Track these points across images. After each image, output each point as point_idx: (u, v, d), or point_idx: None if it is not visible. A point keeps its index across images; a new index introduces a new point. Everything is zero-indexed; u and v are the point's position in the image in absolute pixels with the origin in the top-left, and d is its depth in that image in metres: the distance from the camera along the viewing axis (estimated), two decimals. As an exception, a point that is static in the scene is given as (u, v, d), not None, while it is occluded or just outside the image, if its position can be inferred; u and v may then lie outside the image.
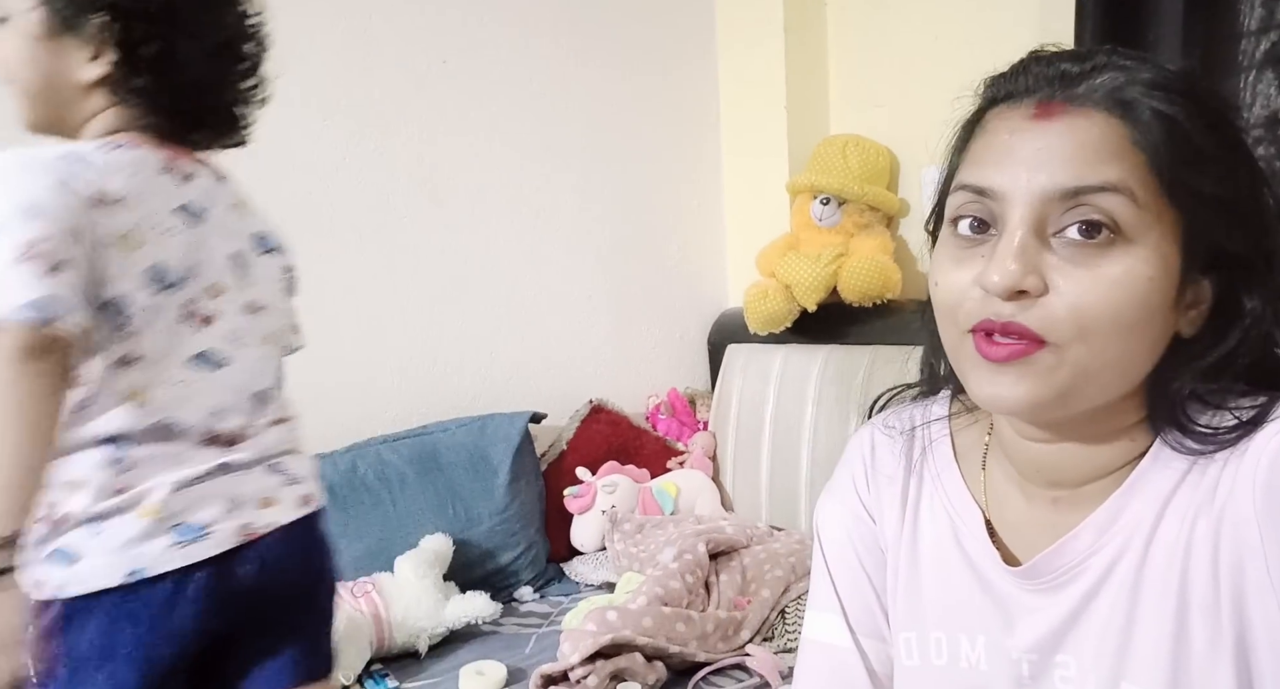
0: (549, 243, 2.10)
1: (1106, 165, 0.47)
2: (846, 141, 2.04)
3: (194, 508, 0.86)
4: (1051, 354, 0.48)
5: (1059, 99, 0.49)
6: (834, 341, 2.03)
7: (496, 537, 1.75)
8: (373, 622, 1.45)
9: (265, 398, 0.98)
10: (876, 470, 0.66)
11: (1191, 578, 0.51)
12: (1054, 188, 0.48)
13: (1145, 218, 0.47)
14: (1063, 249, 0.48)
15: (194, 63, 0.91)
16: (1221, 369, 0.51)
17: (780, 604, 1.54)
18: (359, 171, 1.81)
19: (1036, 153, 0.48)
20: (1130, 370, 0.50)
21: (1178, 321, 0.51)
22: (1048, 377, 0.49)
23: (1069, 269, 0.48)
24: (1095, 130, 0.48)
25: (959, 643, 0.61)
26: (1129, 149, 0.47)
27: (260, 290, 1.01)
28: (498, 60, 1.99)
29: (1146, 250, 0.47)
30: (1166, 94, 0.48)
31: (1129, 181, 0.47)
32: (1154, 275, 0.47)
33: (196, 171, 0.97)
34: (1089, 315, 0.47)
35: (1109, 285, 0.47)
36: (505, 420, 1.88)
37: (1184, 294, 0.50)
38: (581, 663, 1.33)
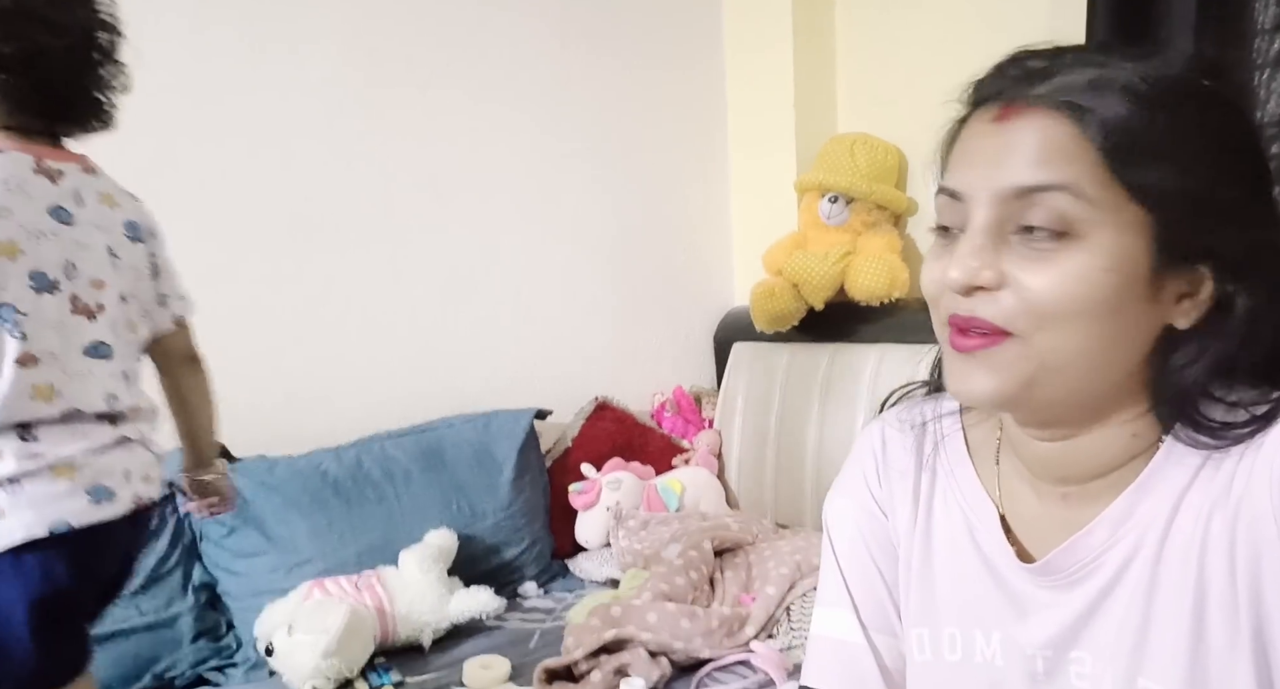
0: (555, 240, 2.09)
1: (1056, 164, 0.49)
2: (855, 140, 2.04)
3: (103, 474, 0.98)
4: (1016, 346, 0.50)
5: (1019, 101, 0.50)
6: (841, 340, 2.03)
7: (501, 532, 1.75)
8: (377, 615, 1.45)
9: (133, 379, 1.08)
10: (888, 465, 0.66)
11: (1208, 574, 0.51)
12: (1008, 187, 0.50)
13: (1097, 213, 0.48)
14: (1019, 245, 0.50)
15: (54, 56, 0.95)
16: (1225, 364, 0.51)
17: (785, 601, 1.53)
18: (364, 170, 1.81)
19: (995, 154, 0.51)
20: (1102, 361, 0.51)
21: (1166, 313, 0.51)
22: (1012, 368, 0.51)
23: (1025, 264, 0.50)
24: (1048, 130, 0.49)
25: (974, 639, 0.60)
26: (1081, 147, 0.48)
27: (129, 278, 1.06)
28: (504, 58, 1.99)
29: (1100, 244, 0.49)
30: (1127, 90, 0.48)
31: (1078, 179, 0.48)
32: (1109, 267, 0.48)
33: (65, 168, 1.00)
34: (1044, 308, 0.49)
35: (1061, 278, 0.49)
36: (510, 417, 1.88)
37: (1163, 286, 0.50)
38: (586, 658, 1.33)
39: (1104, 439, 0.54)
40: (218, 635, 1.49)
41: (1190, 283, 0.51)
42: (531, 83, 2.04)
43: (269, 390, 1.71)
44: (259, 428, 1.68)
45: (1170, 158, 0.48)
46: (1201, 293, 0.51)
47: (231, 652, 1.48)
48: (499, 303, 2.01)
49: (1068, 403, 0.52)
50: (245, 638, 1.47)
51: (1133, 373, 0.52)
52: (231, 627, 1.51)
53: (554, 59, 2.07)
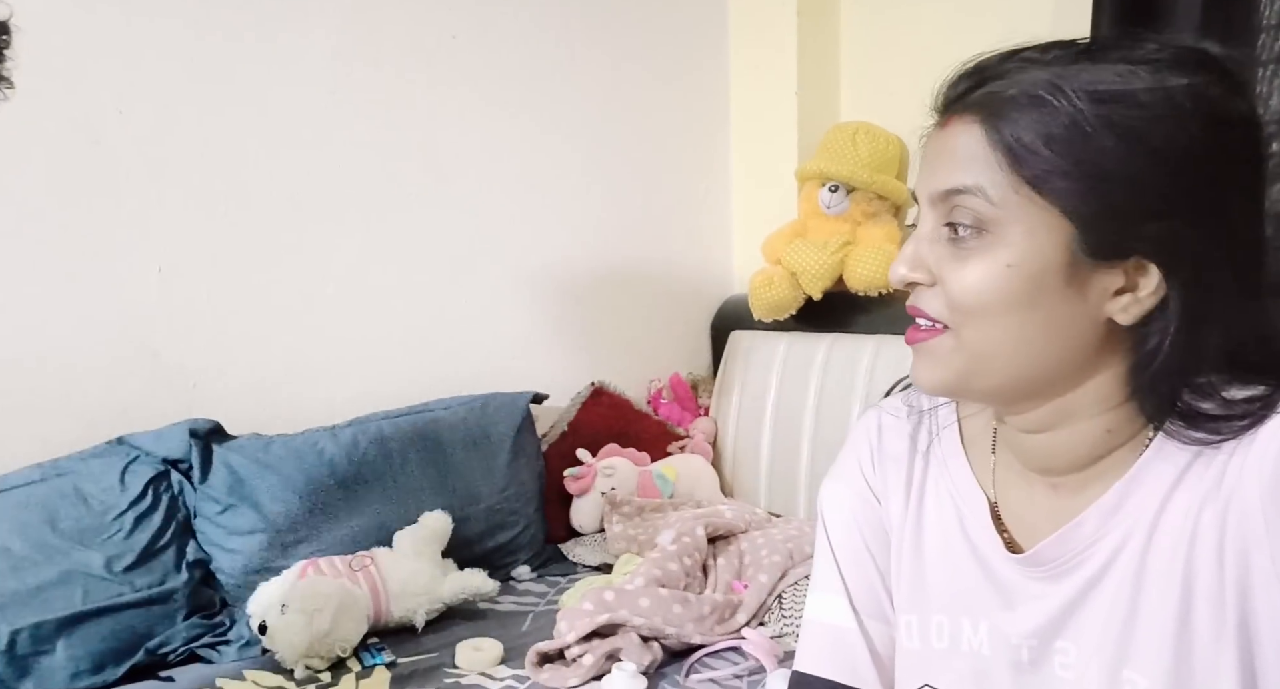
0: (555, 223, 2.09)
1: (966, 168, 0.52)
2: (857, 129, 2.03)
3: None
4: (951, 338, 0.54)
5: (952, 109, 0.54)
6: (838, 330, 2.03)
7: (496, 515, 1.75)
8: (370, 595, 1.45)
9: None
10: (883, 453, 0.66)
11: (1196, 567, 0.51)
12: (933, 191, 0.54)
13: (1002, 213, 0.51)
14: (950, 244, 0.54)
15: None
16: (1184, 359, 0.51)
17: (777, 589, 1.54)
18: (365, 147, 1.80)
19: (933, 159, 0.55)
20: (1030, 352, 0.53)
21: (1100, 308, 0.52)
22: (949, 359, 0.55)
23: (950, 263, 0.54)
24: (965, 136, 0.52)
25: (961, 627, 0.61)
26: (988, 151, 0.51)
27: None
28: (507, 38, 1.97)
29: (1011, 243, 0.51)
30: (1040, 99, 0.50)
31: (982, 182, 0.51)
32: (1013, 263, 0.51)
33: None
34: (961, 302, 0.53)
35: (973, 276, 0.52)
36: (507, 400, 1.88)
37: (1088, 281, 0.51)
38: (578, 642, 1.33)
39: (1079, 432, 0.55)
40: (211, 613, 1.49)
41: (1128, 278, 0.51)
42: (534, 67, 2.02)
43: (266, 368, 1.70)
44: (255, 406, 1.68)
45: (1076, 165, 0.49)
46: (1143, 289, 0.51)
47: (225, 629, 1.48)
48: (498, 286, 2.01)
49: (1006, 393, 0.55)
50: (238, 616, 1.47)
51: (1079, 364, 0.53)
52: (225, 604, 1.51)
53: (557, 43, 2.05)
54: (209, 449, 1.55)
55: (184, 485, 1.53)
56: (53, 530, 1.37)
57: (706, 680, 1.32)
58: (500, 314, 2.01)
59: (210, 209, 1.62)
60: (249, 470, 1.55)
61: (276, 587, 1.42)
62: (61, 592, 1.33)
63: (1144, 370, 0.52)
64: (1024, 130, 0.50)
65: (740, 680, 1.32)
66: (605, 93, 2.14)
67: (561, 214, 2.10)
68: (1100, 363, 0.53)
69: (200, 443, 1.54)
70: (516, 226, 2.03)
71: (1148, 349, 0.52)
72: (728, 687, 1.31)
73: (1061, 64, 0.51)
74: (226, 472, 1.54)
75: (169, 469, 1.52)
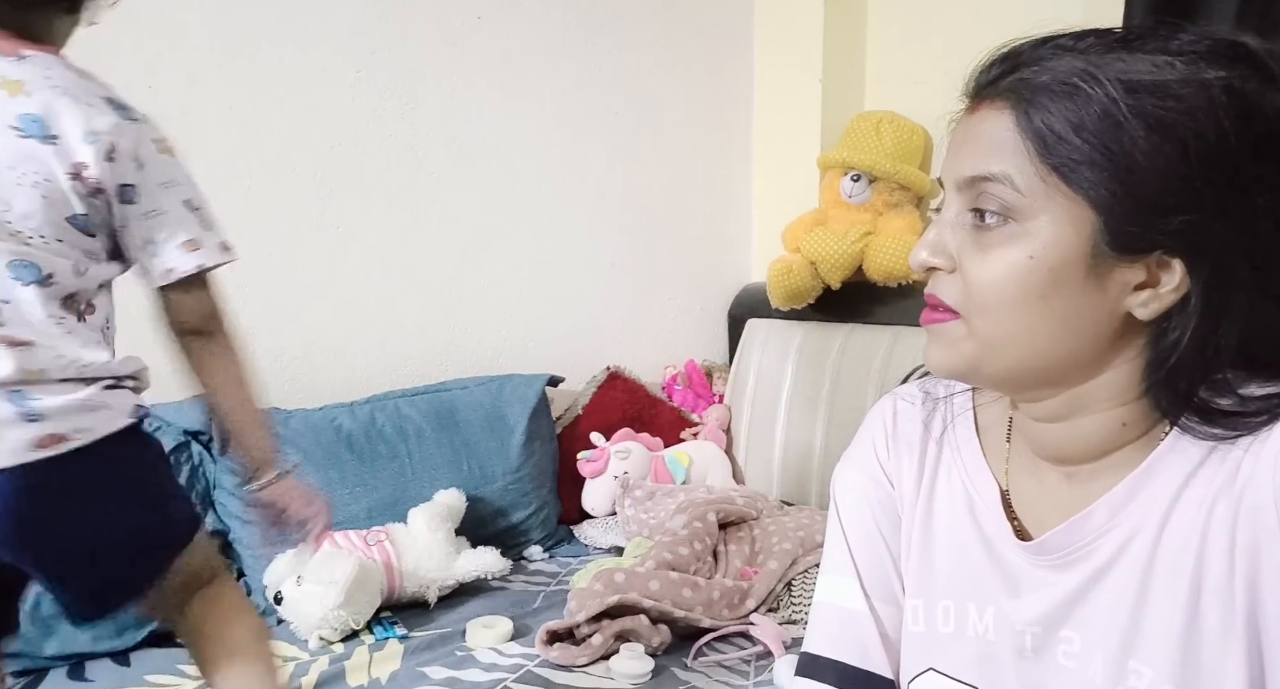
0: (575, 207, 2.09)
1: (995, 155, 0.51)
2: (881, 118, 2.02)
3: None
4: (961, 325, 0.54)
5: (983, 95, 0.53)
6: (856, 320, 2.02)
7: (509, 495, 1.77)
8: (384, 570, 1.47)
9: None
10: (897, 438, 0.67)
11: (1206, 561, 0.51)
12: (960, 177, 0.54)
13: (1029, 202, 0.50)
14: (974, 231, 0.53)
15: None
16: (1200, 356, 0.50)
17: (787, 576, 1.55)
18: (388, 126, 1.81)
19: (960, 145, 0.54)
20: (1041, 344, 0.52)
21: (1120, 302, 0.51)
22: (958, 345, 0.55)
23: (972, 252, 0.53)
24: (994, 123, 0.52)
25: (967, 612, 0.61)
26: (1017, 139, 0.50)
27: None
28: (532, 20, 1.97)
29: (1032, 231, 0.51)
30: (1071, 88, 0.49)
31: (1009, 170, 0.51)
32: (1035, 254, 0.51)
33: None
34: (978, 291, 0.53)
35: (992, 264, 0.52)
36: (523, 381, 1.89)
37: (1109, 275, 0.50)
38: (587, 622, 1.35)
39: (1093, 423, 0.54)
40: (228, 583, 1.52)
41: (1150, 273, 0.50)
42: (558, 50, 2.02)
43: (286, 342, 1.72)
44: (275, 380, 1.70)
45: (1107, 155, 0.48)
46: (1165, 285, 0.50)
47: (242, 599, 1.51)
48: (517, 267, 2.01)
49: (1016, 380, 0.55)
50: (255, 586, 1.50)
51: (1093, 357, 0.53)
52: (242, 575, 1.54)
53: (581, 27, 2.05)
54: (229, 422, 1.57)
55: (204, 457, 1.55)
56: (76, 497, 1.40)
57: (714, 664, 1.34)
58: (519, 295, 2.02)
59: (234, 186, 1.64)
60: (268, 444, 1.57)
61: (292, 559, 1.44)
62: (84, 556, 1.36)
63: (1160, 366, 0.51)
64: (1055, 118, 0.49)
65: (748, 665, 1.33)
66: (629, 77, 2.14)
67: (582, 198, 2.10)
68: (1116, 356, 0.53)
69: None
70: (537, 209, 2.03)
71: (1165, 345, 0.51)
72: (736, 671, 1.32)
73: (1096, 52, 0.50)
74: (246, 444, 1.56)
75: (189, 440, 1.54)
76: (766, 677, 1.29)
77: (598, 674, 1.29)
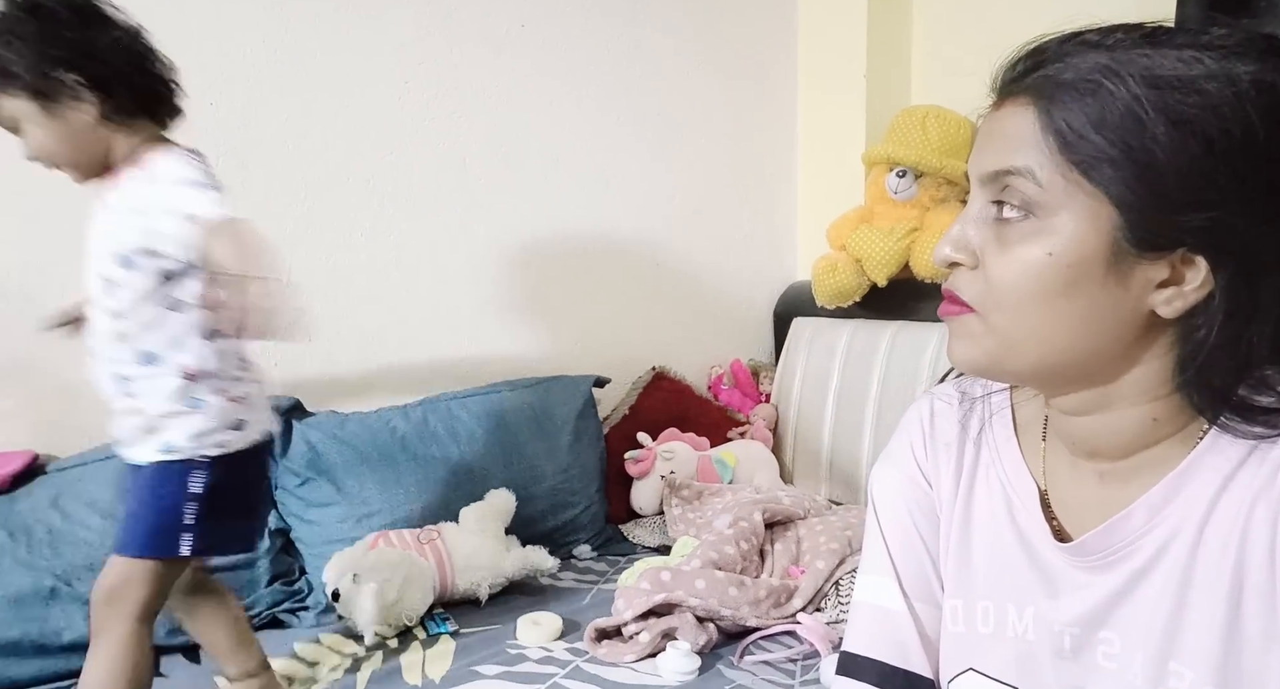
0: (620, 209, 2.11)
1: (1017, 150, 0.51)
2: (927, 113, 1.99)
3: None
4: (978, 321, 0.54)
5: (1008, 91, 0.53)
6: (903, 318, 2.00)
7: (558, 494, 1.80)
8: (436, 568, 1.51)
9: None
10: (935, 438, 0.67)
11: (1247, 561, 0.50)
12: (983, 172, 0.54)
13: (1050, 197, 0.50)
14: (997, 227, 0.53)
15: (124, 65, 1.04)
16: (1235, 352, 0.49)
17: (835, 576, 1.54)
18: (437, 134, 1.86)
19: (984, 141, 0.54)
20: (1061, 341, 0.52)
21: (1143, 299, 0.50)
22: (978, 341, 0.55)
23: (993, 248, 0.53)
24: (1017, 118, 0.52)
25: (1006, 612, 0.61)
26: (1040, 134, 0.50)
27: None
28: (575, 25, 2.00)
29: (1053, 227, 0.50)
30: (1094, 85, 0.49)
31: (1031, 164, 0.50)
32: (1055, 251, 0.50)
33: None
34: (998, 288, 0.53)
35: (1012, 260, 0.52)
36: (570, 383, 1.92)
37: (1131, 272, 0.50)
38: (635, 620, 1.37)
39: (1124, 418, 0.54)
40: (291, 580, 1.58)
41: (1174, 271, 0.50)
42: (602, 53, 2.04)
43: (342, 348, 1.78)
44: (331, 384, 1.76)
45: (1127, 152, 0.48)
46: (1189, 283, 0.49)
47: (304, 595, 1.57)
48: (564, 270, 2.04)
49: (1040, 376, 0.55)
50: (316, 583, 1.55)
51: (1118, 354, 0.52)
52: (303, 572, 1.60)
53: (624, 30, 2.07)
54: (289, 425, 1.64)
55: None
56: (149, 496, 1.46)
57: (760, 663, 1.34)
58: (565, 297, 2.05)
59: (290, 195, 1.70)
60: (326, 445, 1.62)
61: (349, 556, 1.49)
62: (156, 554, 1.43)
63: (1190, 364, 0.51)
64: (1075, 115, 0.49)
65: (794, 664, 1.34)
66: (672, 78, 2.15)
67: (626, 200, 2.12)
68: (1142, 353, 0.52)
69: (281, 419, 1.63)
70: (582, 212, 2.06)
71: (1194, 343, 0.50)
72: (782, 669, 1.32)
73: (1123, 48, 0.50)
74: (305, 446, 1.62)
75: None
76: (813, 676, 1.29)
77: (645, 671, 1.31)
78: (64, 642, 1.32)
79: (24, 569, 1.34)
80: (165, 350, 1.07)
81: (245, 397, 1.13)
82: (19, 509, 1.40)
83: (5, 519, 1.38)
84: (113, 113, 1.04)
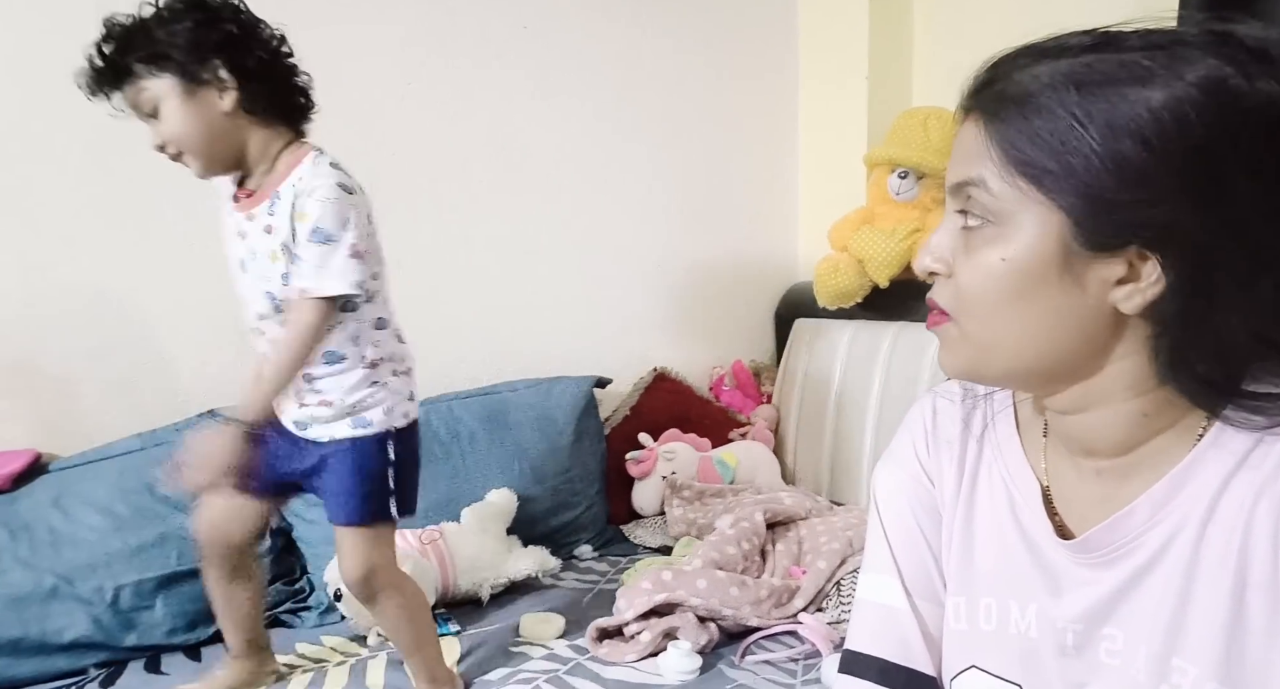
0: (621, 210, 2.11)
1: (972, 163, 0.53)
2: (929, 114, 1.99)
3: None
4: (955, 328, 0.57)
5: (967, 104, 0.56)
6: (905, 319, 2.00)
7: (559, 495, 1.80)
8: (438, 568, 1.51)
9: None
10: (937, 436, 0.67)
11: (1250, 557, 0.50)
12: (950, 183, 0.56)
13: (1003, 205, 0.52)
14: (967, 236, 0.55)
15: (270, 63, 1.12)
16: (1205, 344, 0.50)
17: (836, 576, 1.54)
18: (438, 135, 1.86)
19: (952, 156, 0.57)
20: (1031, 342, 0.54)
21: (1104, 297, 0.51)
22: (956, 347, 0.57)
23: (960, 253, 0.55)
24: (971, 133, 0.54)
25: (1009, 609, 0.61)
26: (987, 147, 0.53)
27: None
28: (576, 27, 2.00)
29: (1007, 235, 0.52)
30: (1035, 91, 0.50)
31: (984, 174, 0.53)
32: (1008, 257, 0.52)
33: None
34: (965, 294, 0.55)
35: (975, 267, 0.54)
36: (572, 383, 1.92)
37: (1085, 272, 0.51)
38: (636, 619, 1.37)
39: (1113, 415, 0.55)
40: (293, 580, 1.58)
41: (1131, 268, 0.50)
42: (603, 55, 2.05)
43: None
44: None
45: (1063, 160, 0.49)
46: (1144, 278, 0.50)
47: (305, 596, 1.57)
48: (565, 271, 2.05)
49: (1020, 378, 0.57)
50: (318, 583, 1.55)
51: (1092, 352, 0.53)
52: (305, 572, 1.60)
53: (626, 32, 2.07)
54: (291, 424, 1.64)
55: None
56: (151, 496, 1.47)
57: (761, 662, 1.34)
58: (566, 298, 2.05)
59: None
60: (327, 445, 1.62)
61: (351, 556, 1.49)
62: (158, 552, 1.43)
63: (1161, 357, 0.52)
64: (1015, 129, 0.51)
65: (796, 664, 1.34)
66: (674, 80, 2.15)
67: (628, 201, 2.12)
68: (1118, 349, 0.53)
69: (283, 418, 1.63)
70: (583, 213, 2.06)
71: (1162, 336, 0.51)
72: (783, 669, 1.32)
73: (1071, 55, 0.51)
74: (307, 446, 1.62)
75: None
76: (814, 675, 1.29)
77: (647, 670, 1.31)
78: (64, 641, 1.33)
79: (25, 568, 1.34)
80: (348, 347, 1.16)
81: (410, 369, 1.25)
82: (20, 508, 1.41)
83: (6, 518, 1.39)
84: (252, 107, 1.09)
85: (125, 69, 1.04)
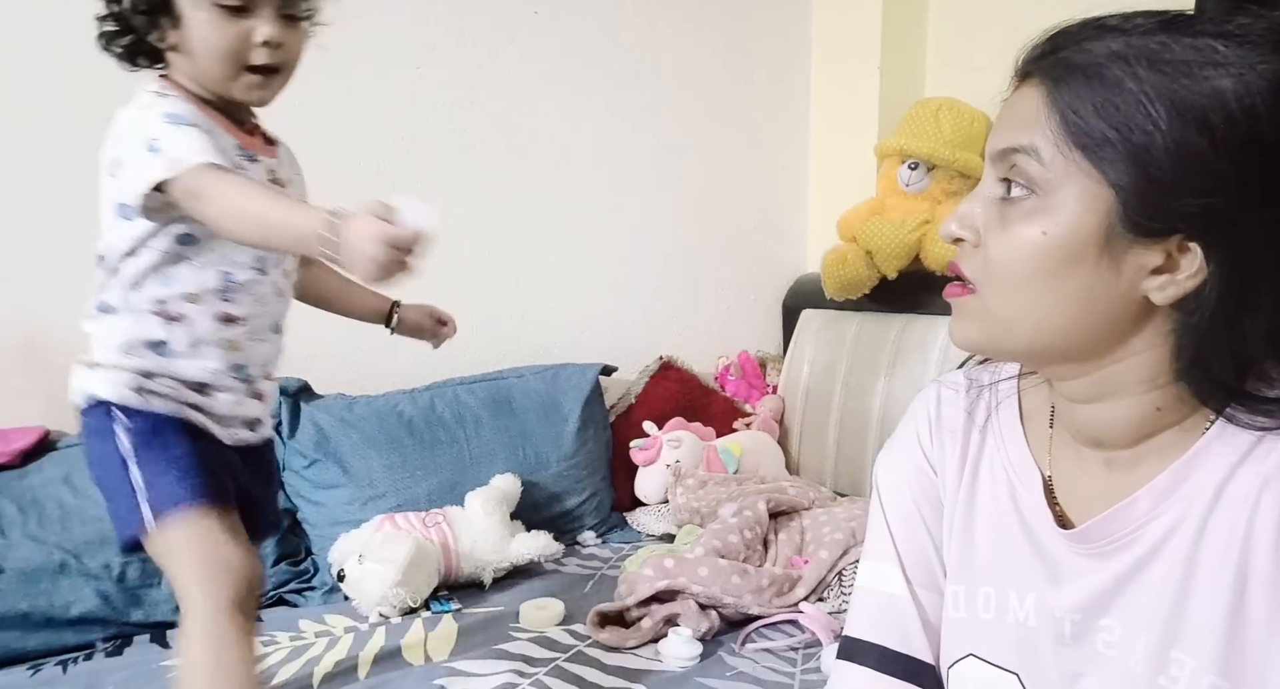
0: (630, 198, 2.11)
1: (1025, 129, 0.52)
2: (940, 105, 1.98)
3: None
4: (976, 301, 0.55)
5: (1026, 70, 0.54)
6: (913, 311, 1.99)
7: (563, 481, 1.80)
8: (441, 551, 1.52)
9: None
10: (940, 425, 0.67)
11: (1252, 550, 0.50)
12: (994, 150, 0.55)
13: (1052, 177, 0.51)
14: (1002, 206, 0.54)
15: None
16: (1231, 343, 0.49)
17: (838, 566, 1.54)
18: (447, 121, 1.86)
19: (998, 122, 0.56)
20: (1054, 322, 0.52)
21: (1136, 285, 0.50)
22: (975, 321, 0.56)
23: (994, 224, 0.54)
24: (1029, 99, 0.53)
25: (1008, 598, 0.61)
26: (1046, 114, 0.51)
27: None
28: (587, 14, 1.99)
29: (1050, 207, 0.51)
30: (1099, 68, 0.49)
31: (1036, 142, 0.51)
32: (1047, 231, 0.51)
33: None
34: (994, 266, 0.53)
35: (1009, 239, 0.53)
36: (577, 370, 1.92)
37: (1123, 257, 0.50)
38: (637, 606, 1.37)
39: (1126, 406, 0.54)
40: (297, 560, 1.59)
41: (1169, 258, 0.50)
42: (614, 42, 2.04)
43: (350, 332, 1.77)
44: (340, 368, 1.77)
45: (1126, 137, 0.48)
46: (1183, 271, 0.49)
47: (310, 576, 1.58)
48: (573, 259, 2.05)
49: (1036, 356, 0.56)
50: (322, 564, 1.56)
51: (1114, 340, 0.53)
52: (310, 553, 1.61)
53: (636, 19, 2.06)
54: (297, 406, 1.65)
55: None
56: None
57: (762, 650, 1.35)
58: (574, 286, 2.05)
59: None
60: (334, 428, 1.63)
61: (356, 538, 1.50)
62: (165, 531, 1.44)
63: (1185, 352, 0.51)
64: (1080, 98, 0.50)
65: (796, 653, 1.34)
66: (685, 68, 2.14)
67: (637, 189, 2.12)
68: (1140, 340, 0.52)
69: (289, 400, 1.64)
70: (592, 201, 2.05)
71: (1188, 331, 0.50)
72: (783, 657, 1.33)
73: (1139, 33, 0.50)
74: (313, 428, 1.63)
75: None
76: (814, 664, 1.30)
77: (647, 657, 1.31)
78: (72, 615, 1.34)
79: (34, 544, 1.36)
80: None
81: None
82: (30, 484, 1.42)
83: (16, 494, 1.40)
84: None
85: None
